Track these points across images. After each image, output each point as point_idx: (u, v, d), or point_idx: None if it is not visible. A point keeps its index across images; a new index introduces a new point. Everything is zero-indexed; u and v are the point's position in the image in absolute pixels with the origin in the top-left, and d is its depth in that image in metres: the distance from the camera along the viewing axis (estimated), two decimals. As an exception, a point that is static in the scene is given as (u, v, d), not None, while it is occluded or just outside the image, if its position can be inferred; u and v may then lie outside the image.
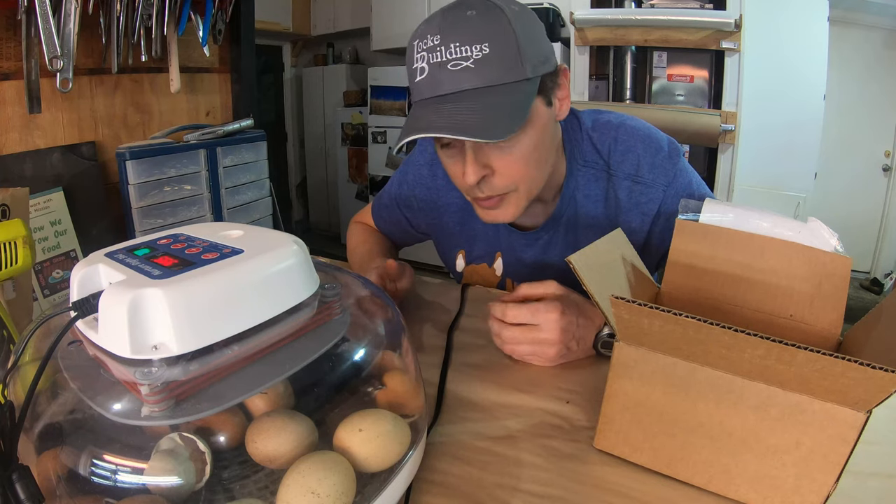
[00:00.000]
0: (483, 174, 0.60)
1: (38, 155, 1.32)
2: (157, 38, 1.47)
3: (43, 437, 0.31)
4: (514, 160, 0.60)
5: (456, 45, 0.54)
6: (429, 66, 0.56)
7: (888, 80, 2.86)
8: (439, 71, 0.55)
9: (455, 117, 0.54)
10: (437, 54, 0.55)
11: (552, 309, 0.57)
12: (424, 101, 0.57)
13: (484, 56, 0.54)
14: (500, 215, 0.65)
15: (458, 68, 0.54)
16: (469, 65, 0.54)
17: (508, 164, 0.60)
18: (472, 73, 0.54)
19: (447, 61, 0.54)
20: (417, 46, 0.57)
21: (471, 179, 0.59)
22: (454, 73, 0.55)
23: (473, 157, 0.59)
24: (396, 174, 0.91)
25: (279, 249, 0.36)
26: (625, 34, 2.49)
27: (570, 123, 0.74)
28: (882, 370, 0.31)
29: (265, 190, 1.89)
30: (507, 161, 0.60)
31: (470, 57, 0.54)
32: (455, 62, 0.54)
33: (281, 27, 3.66)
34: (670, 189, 0.70)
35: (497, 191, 0.62)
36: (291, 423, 0.35)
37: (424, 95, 0.57)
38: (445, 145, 0.63)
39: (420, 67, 0.57)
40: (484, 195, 0.63)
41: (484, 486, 0.42)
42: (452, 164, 0.63)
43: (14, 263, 0.50)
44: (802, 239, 0.49)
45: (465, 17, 0.55)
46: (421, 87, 0.57)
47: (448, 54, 0.54)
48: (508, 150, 0.59)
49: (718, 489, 0.41)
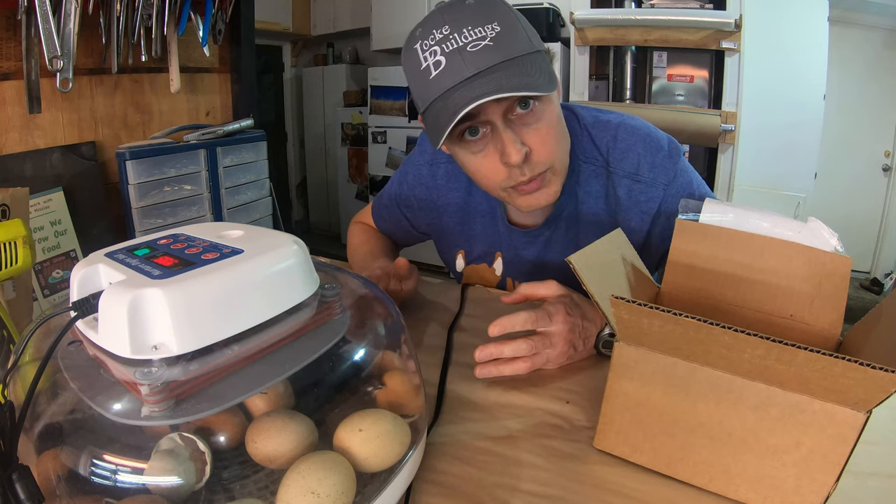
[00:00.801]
0: (525, 151, 0.60)
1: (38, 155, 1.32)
2: (157, 38, 1.47)
3: (43, 437, 0.31)
4: (545, 133, 0.61)
5: (468, 28, 0.55)
6: (446, 56, 0.56)
7: (888, 80, 2.86)
8: (460, 55, 0.55)
9: (493, 83, 0.54)
10: (452, 42, 0.55)
11: (557, 311, 0.57)
12: (450, 89, 0.56)
13: (498, 34, 0.55)
14: (544, 196, 0.65)
15: (478, 48, 0.55)
16: (488, 42, 0.55)
17: (541, 138, 0.61)
18: (493, 50, 0.55)
19: (465, 45, 0.55)
20: (424, 45, 0.57)
21: (515, 158, 0.58)
22: (475, 52, 0.55)
23: (511, 136, 0.59)
24: (396, 174, 0.91)
25: (279, 249, 0.36)
26: (625, 34, 2.49)
27: (569, 120, 0.74)
28: (882, 370, 0.31)
29: (265, 190, 1.89)
30: (540, 135, 0.60)
31: (486, 36, 0.55)
32: (474, 43, 0.55)
33: (281, 27, 3.66)
34: (670, 188, 0.70)
35: (537, 169, 0.62)
36: (291, 423, 0.35)
37: (446, 85, 0.56)
38: (468, 142, 0.61)
39: (435, 61, 0.56)
40: (526, 177, 0.62)
41: (484, 486, 0.42)
42: (482, 157, 0.62)
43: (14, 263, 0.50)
44: (802, 239, 0.49)
45: (465, 5, 0.56)
46: (440, 80, 0.56)
47: (463, 38, 0.55)
48: (536, 123, 0.60)
49: (718, 489, 0.41)
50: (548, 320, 0.57)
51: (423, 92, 0.59)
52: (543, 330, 0.57)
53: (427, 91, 0.58)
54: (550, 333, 0.57)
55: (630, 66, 2.63)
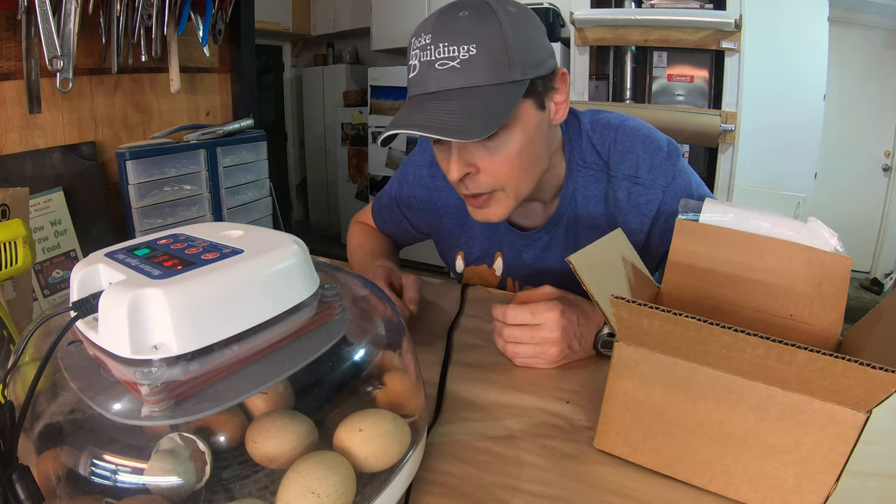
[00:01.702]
0: (467, 171, 0.61)
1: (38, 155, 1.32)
2: (157, 38, 1.47)
3: (43, 437, 0.31)
4: (499, 161, 0.61)
5: (444, 44, 0.55)
6: (419, 63, 0.57)
7: (888, 80, 2.86)
8: (428, 69, 0.57)
9: (437, 116, 0.55)
10: (428, 53, 0.56)
11: (552, 307, 0.57)
12: (413, 97, 0.59)
13: (470, 57, 0.55)
14: (489, 214, 0.66)
15: (444, 67, 0.56)
16: (455, 65, 0.55)
17: (493, 165, 0.61)
18: (457, 73, 0.56)
19: (435, 60, 0.56)
20: (413, 44, 0.59)
21: (453, 176, 0.61)
22: (441, 71, 0.56)
23: (458, 156, 0.60)
24: (397, 174, 0.91)
25: (279, 249, 0.36)
26: (625, 34, 2.49)
27: (569, 124, 0.74)
28: (882, 370, 0.31)
29: (265, 190, 1.89)
30: (492, 162, 0.61)
31: (456, 57, 0.55)
32: (442, 61, 0.56)
33: (281, 27, 3.66)
34: (670, 190, 0.70)
35: (481, 189, 0.63)
36: (291, 423, 0.35)
37: (414, 92, 0.59)
38: (438, 141, 0.64)
39: (413, 65, 0.59)
40: (469, 192, 0.64)
41: (484, 486, 0.42)
42: (443, 159, 0.64)
43: (14, 263, 0.50)
44: (802, 239, 0.49)
45: (458, 17, 0.56)
46: (412, 84, 0.59)
47: (437, 53, 0.56)
48: (494, 150, 0.60)
49: (718, 489, 0.41)
50: (544, 316, 0.57)
51: (407, 83, 0.62)
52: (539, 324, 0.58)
53: (408, 85, 0.61)
54: (546, 330, 0.57)
55: (630, 66, 2.63)
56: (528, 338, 0.58)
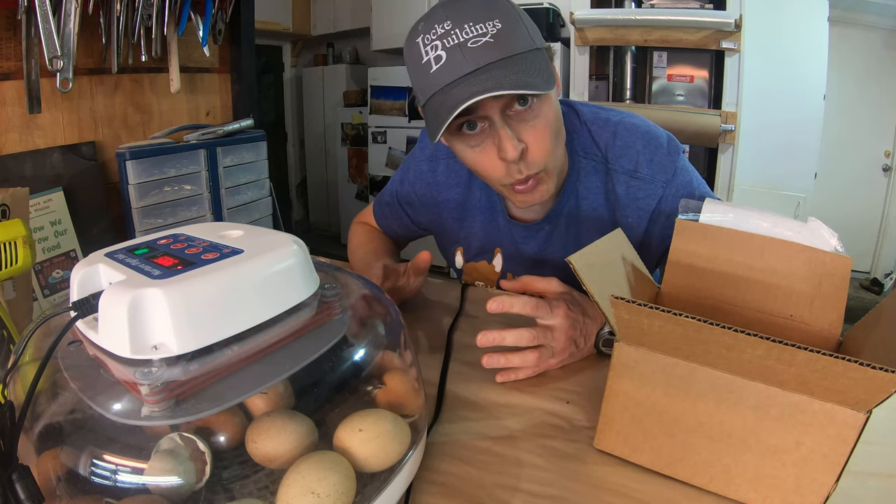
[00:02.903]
0: (521, 148, 0.60)
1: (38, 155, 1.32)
2: (157, 38, 1.47)
3: (43, 437, 0.31)
4: (541, 131, 0.61)
5: (470, 24, 0.55)
6: (446, 51, 0.56)
7: (888, 80, 2.86)
8: (460, 51, 0.55)
9: (497, 80, 0.54)
10: (453, 37, 0.56)
11: (558, 305, 0.57)
12: (450, 84, 0.56)
13: (499, 30, 0.55)
14: (538, 195, 0.66)
15: (478, 44, 0.55)
16: (489, 39, 0.55)
17: (538, 136, 0.61)
18: (493, 47, 0.55)
19: (465, 41, 0.55)
20: (427, 38, 0.57)
21: (512, 154, 0.59)
22: (476, 49, 0.55)
23: (508, 133, 0.59)
24: (398, 172, 0.91)
25: (279, 249, 0.36)
26: (625, 34, 2.49)
27: (569, 116, 0.74)
28: (882, 370, 0.31)
29: (265, 190, 1.89)
30: (537, 132, 0.61)
31: (487, 32, 0.55)
32: (474, 40, 0.55)
33: (281, 27, 3.66)
34: (670, 186, 0.70)
35: (532, 168, 0.62)
36: (291, 423, 0.35)
37: (446, 80, 0.56)
38: (466, 136, 0.62)
39: (436, 56, 0.57)
40: (522, 175, 0.62)
41: (484, 486, 0.42)
42: (479, 152, 0.63)
43: (14, 263, 0.50)
44: (802, 239, 0.49)
45: (467, 1, 0.57)
46: (440, 75, 0.57)
47: (464, 34, 0.55)
48: (534, 121, 0.60)
49: (718, 489, 0.41)
50: (549, 312, 0.56)
51: (423, 85, 0.59)
52: (544, 323, 0.57)
53: (427, 85, 0.58)
54: (552, 327, 0.56)
55: (630, 66, 2.63)
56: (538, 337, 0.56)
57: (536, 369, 0.57)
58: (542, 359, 0.56)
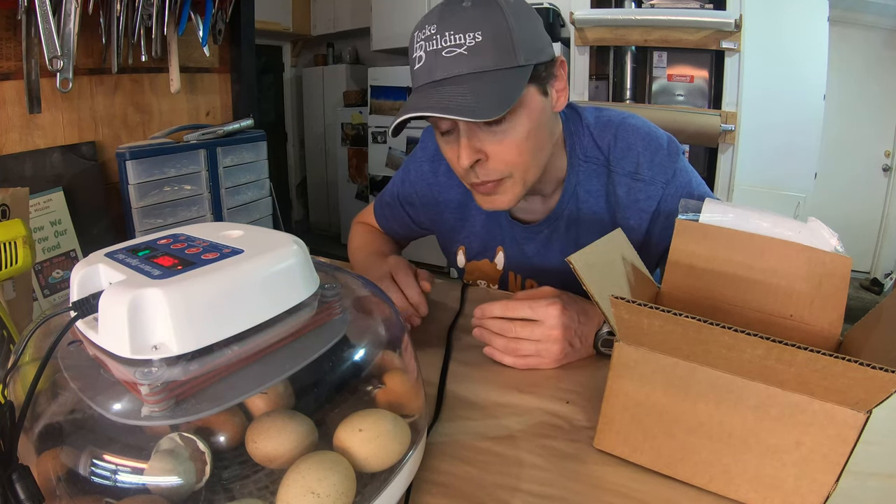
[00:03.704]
0: (476, 158, 0.61)
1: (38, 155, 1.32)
2: (157, 38, 1.47)
3: (43, 437, 0.31)
4: (507, 146, 0.61)
5: (451, 33, 0.56)
6: (425, 54, 0.58)
7: (888, 80, 2.86)
8: (435, 58, 0.57)
9: (446, 100, 0.56)
10: (434, 42, 0.57)
11: (552, 303, 0.57)
12: (420, 87, 0.59)
13: (477, 43, 0.56)
14: (498, 201, 0.66)
15: (452, 55, 0.57)
16: (462, 51, 0.56)
17: (501, 150, 0.61)
18: (465, 59, 0.56)
19: (442, 48, 0.57)
20: (417, 37, 0.60)
21: (464, 163, 0.61)
22: (448, 59, 0.57)
23: (467, 142, 0.61)
24: (399, 172, 0.92)
25: (279, 249, 0.36)
26: (625, 34, 2.49)
27: (571, 118, 0.74)
28: (882, 370, 0.31)
29: (265, 190, 1.89)
30: (501, 146, 0.61)
31: (463, 44, 0.56)
32: (449, 49, 0.57)
33: (281, 27, 3.66)
34: (669, 187, 0.71)
35: (490, 176, 0.63)
36: (291, 423, 0.35)
37: (420, 82, 0.60)
38: (445, 133, 0.64)
39: (418, 56, 0.59)
40: (479, 180, 0.64)
41: (484, 486, 0.42)
42: (450, 149, 0.64)
43: (14, 263, 0.50)
44: (802, 239, 0.49)
45: (462, 7, 0.57)
46: (418, 75, 0.60)
47: (443, 42, 0.57)
48: (501, 135, 0.61)
49: (718, 489, 0.41)
50: (544, 312, 0.57)
51: (411, 77, 0.62)
52: (539, 320, 0.58)
53: (412, 78, 0.62)
54: (547, 327, 0.57)
55: (630, 66, 2.63)
56: (528, 333, 0.58)
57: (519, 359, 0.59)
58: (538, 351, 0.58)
